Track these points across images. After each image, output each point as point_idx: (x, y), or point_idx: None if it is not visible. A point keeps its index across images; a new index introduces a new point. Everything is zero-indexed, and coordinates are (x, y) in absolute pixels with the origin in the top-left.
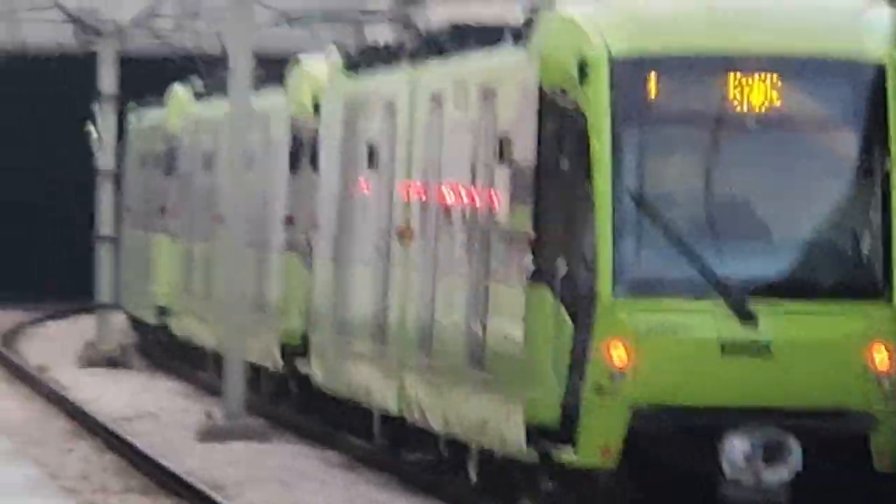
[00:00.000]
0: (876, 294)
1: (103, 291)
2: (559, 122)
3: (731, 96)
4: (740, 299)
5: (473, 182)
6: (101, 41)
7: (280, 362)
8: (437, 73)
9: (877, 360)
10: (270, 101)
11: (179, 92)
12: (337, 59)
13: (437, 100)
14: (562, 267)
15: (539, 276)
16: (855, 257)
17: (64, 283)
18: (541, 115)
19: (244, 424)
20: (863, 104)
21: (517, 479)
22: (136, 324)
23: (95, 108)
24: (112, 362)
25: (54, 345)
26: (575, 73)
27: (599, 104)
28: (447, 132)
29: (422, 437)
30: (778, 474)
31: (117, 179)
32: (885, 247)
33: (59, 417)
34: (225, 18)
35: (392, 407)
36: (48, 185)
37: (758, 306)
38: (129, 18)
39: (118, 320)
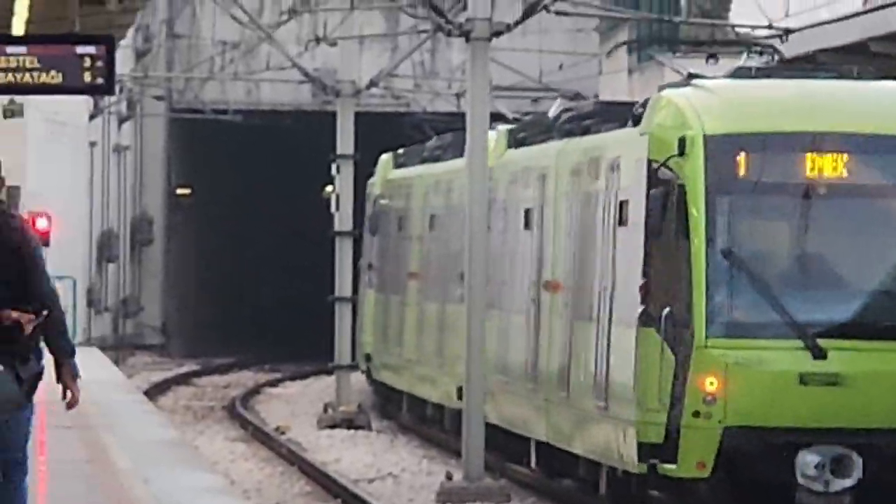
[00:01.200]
0: None
1: (341, 352)
2: (664, 189)
3: (808, 169)
4: (814, 339)
5: (602, 241)
6: (338, 101)
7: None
8: (576, 149)
9: None
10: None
11: (384, 159)
12: (503, 134)
13: (575, 171)
14: (665, 312)
15: (647, 319)
16: None
17: (303, 344)
18: (649, 183)
19: (484, 485)
20: None
21: (632, 490)
22: (375, 384)
23: (333, 167)
24: (350, 423)
25: (293, 406)
26: (676, 148)
27: (696, 175)
28: (583, 199)
29: (566, 459)
30: (843, 483)
31: (356, 240)
32: None
33: (299, 479)
34: (462, 78)
35: (543, 435)
36: (287, 243)
37: (828, 344)
38: (367, 79)
39: (356, 381)
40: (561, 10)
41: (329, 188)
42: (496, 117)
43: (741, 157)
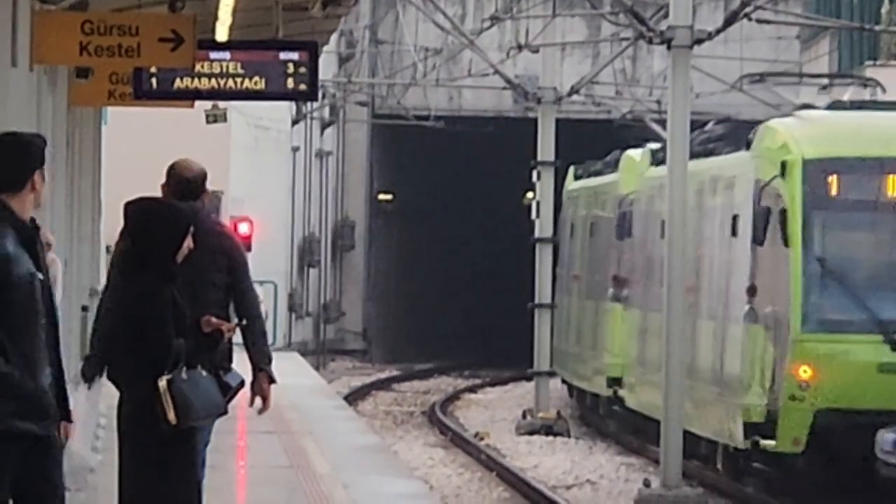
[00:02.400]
0: None
1: (541, 358)
2: (768, 205)
3: (889, 189)
4: (891, 334)
5: (719, 249)
6: (539, 108)
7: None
8: (702, 168)
9: None
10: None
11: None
12: (647, 153)
13: (700, 189)
14: (768, 310)
15: (754, 317)
16: None
17: (503, 350)
18: (756, 200)
19: (681, 493)
20: None
21: (741, 463)
22: (574, 391)
23: (533, 174)
24: (549, 430)
25: (492, 412)
26: (779, 170)
27: (795, 193)
28: (706, 212)
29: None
30: None
31: (555, 246)
32: None
33: (497, 485)
34: (663, 85)
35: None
36: (488, 250)
37: None
38: (569, 85)
39: (556, 387)
40: (763, 19)
41: (530, 195)
42: (700, 124)
43: (833, 178)
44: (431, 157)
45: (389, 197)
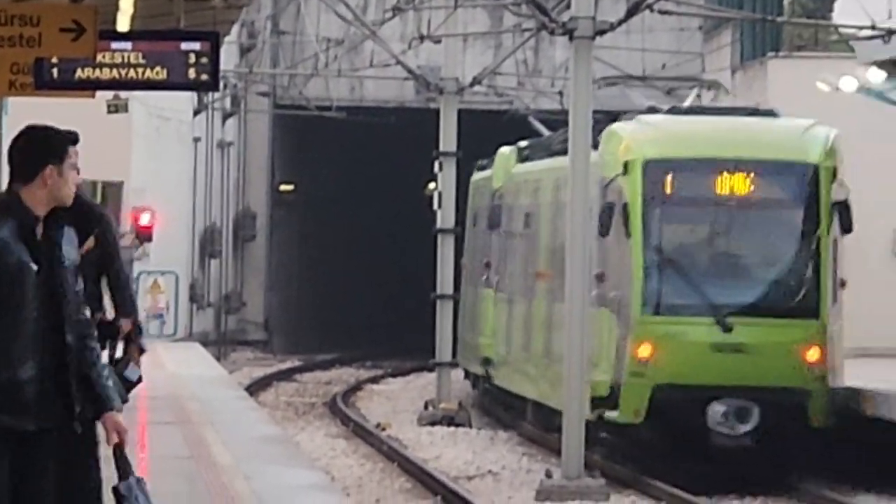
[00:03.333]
0: (811, 314)
1: (443, 349)
2: (612, 200)
3: (720, 187)
4: (723, 317)
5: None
6: (442, 98)
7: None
8: (559, 166)
9: (810, 356)
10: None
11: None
12: (514, 151)
13: (556, 185)
14: (612, 295)
15: (601, 300)
16: (798, 291)
17: (405, 341)
18: (602, 195)
19: (583, 484)
20: (804, 190)
21: (588, 433)
22: (475, 381)
23: (435, 164)
24: (451, 421)
25: (394, 403)
26: (622, 168)
27: (635, 190)
28: (562, 206)
29: (551, 413)
30: (744, 428)
31: (457, 237)
32: (817, 284)
33: (399, 476)
34: (565, 76)
35: (535, 395)
36: (391, 241)
37: (734, 321)
38: (471, 76)
39: (457, 378)
40: (665, 9)
41: (431, 185)
42: (605, 113)
43: (669, 177)
44: (333, 147)
45: (291, 187)
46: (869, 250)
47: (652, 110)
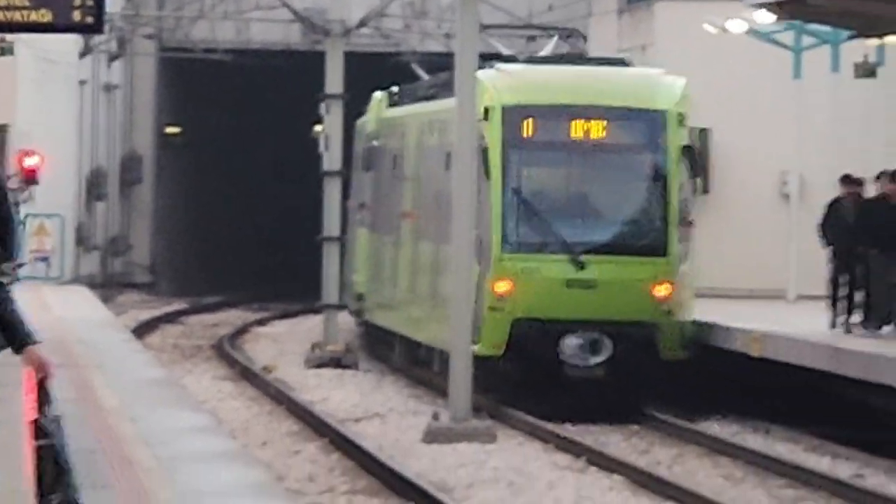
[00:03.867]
0: (659, 252)
1: (329, 292)
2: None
3: (574, 131)
4: (576, 254)
5: (436, 182)
6: (328, 41)
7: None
8: (424, 111)
9: (659, 292)
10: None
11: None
12: (385, 95)
13: (421, 128)
14: (475, 234)
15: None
16: (647, 230)
17: (292, 283)
18: None
19: (470, 426)
20: (654, 135)
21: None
22: (366, 325)
23: (322, 107)
24: (338, 363)
25: (281, 345)
26: (482, 114)
27: (494, 134)
28: (426, 150)
29: (419, 348)
30: (596, 359)
31: (344, 179)
32: (665, 224)
33: (286, 418)
34: (452, 18)
35: (400, 330)
36: (278, 183)
37: (587, 259)
38: (357, 18)
39: (344, 321)
40: None
41: (318, 128)
42: (490, 56)
43: (527, 122)
44: (220, 90)
45: (178, 130)
46: (758, 193)
47: (508, 60)
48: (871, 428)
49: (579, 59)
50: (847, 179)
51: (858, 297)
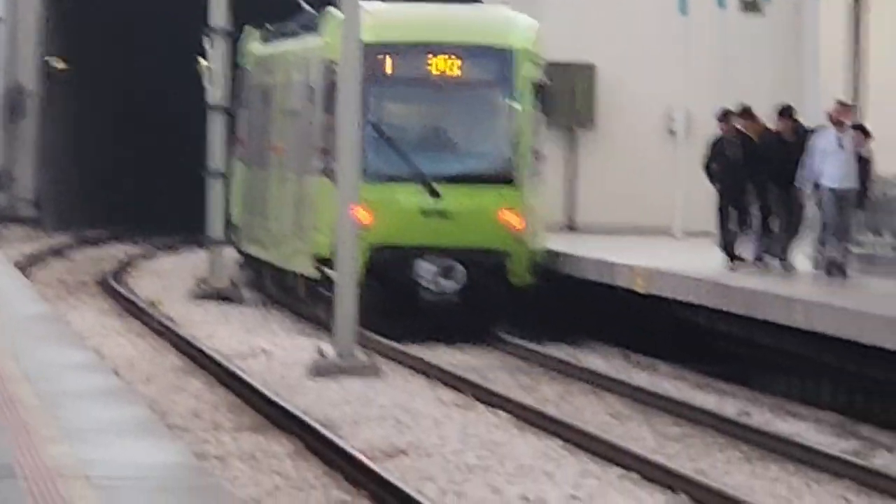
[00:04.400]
0: (509, 181)
1: (213, 226)
2: (334, 80)
3: (430, 67)
4: (431, 184)
5: (303, 116)
6: None
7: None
8: (292, 48)
9: (509, 220)
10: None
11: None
12: (260, 33)
13: (288, 64)
14: (335, 165)
15: (324, 171)
16: (498, 161)
17: (177, 218)
18: (324, 75)
19: (357, 361)
20: (504, 72)
21: (316, 291)
22: (244, 256)
23: (206, 41)
24: (224, 297)
25: (166, 280)
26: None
27: None
28: (294, 85)
29: (286, 276)
30: (450, 285)
31: (229, 114)
32: (514, 156)
33: (171, 353)
34: None
35: (271, 259)
36: (163, 117)
37: (442, 188)
38: None
39: (230, 255)
40: None
41: (203, 62)
42: None
43: (387, 59)
44: (106, 23)
45: (63, 64)
46: (644, 130)
47: None
48: (756, 365)
49: None
50: (728, 114)
51: (751, 230)
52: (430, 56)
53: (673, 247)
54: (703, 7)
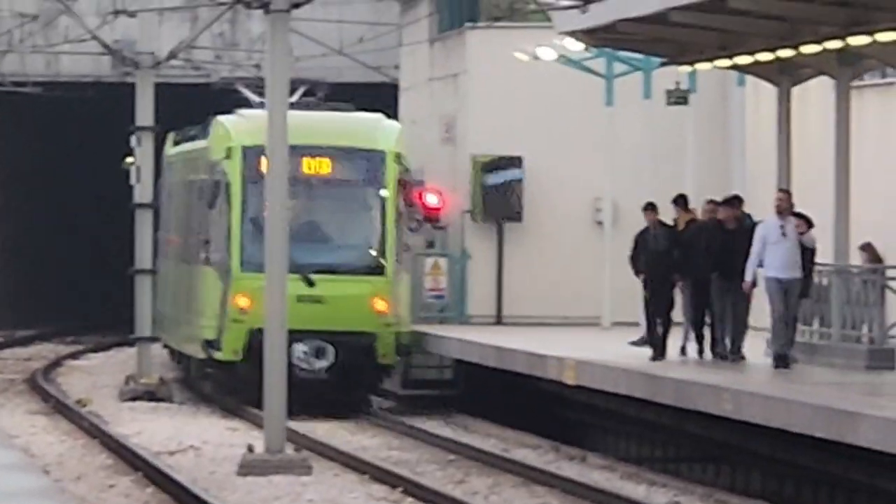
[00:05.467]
0: (378, 272)
1: (142, 324)
2: (217, 179)
3: (305, 168)
4: (306, 274)
5: (191, 210)
6: (138, 73)
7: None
8: (188, 150)
9: (378, 305)
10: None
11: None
12: (174, 135)
13: (184, 164)
14: (217, 256)
15: (207, 260)
16: (367, 253)
17: (106, 316)
18: (210, 174)
19: (285, 457)
20: (373, 172)
21: (198, 370)
22: (171, 352)
23: (133, 139)
24: (152, 396)
25: (95, 378)
26: (225, 153)
27: (235, 171)
28: (187, 183)
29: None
30: (321, 364)
31: (156, 211)
32: (383, 248)
33: (101, 452)
34: (262, 49)
35: (175, 345)
36: (91, 216)
37: (317, 278)
38: (167, 50)
39: (159, 353)
40: None
41: (130, 160)
42: (302, 83)
43: (262, 160)
44: (31, 123)
45: None
46: (572, 220)
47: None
48: (686, 454)
49: (313, 105)
50: (651, 207)
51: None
52: (306, 157)
53: (601, 337)
54: (629, 98)
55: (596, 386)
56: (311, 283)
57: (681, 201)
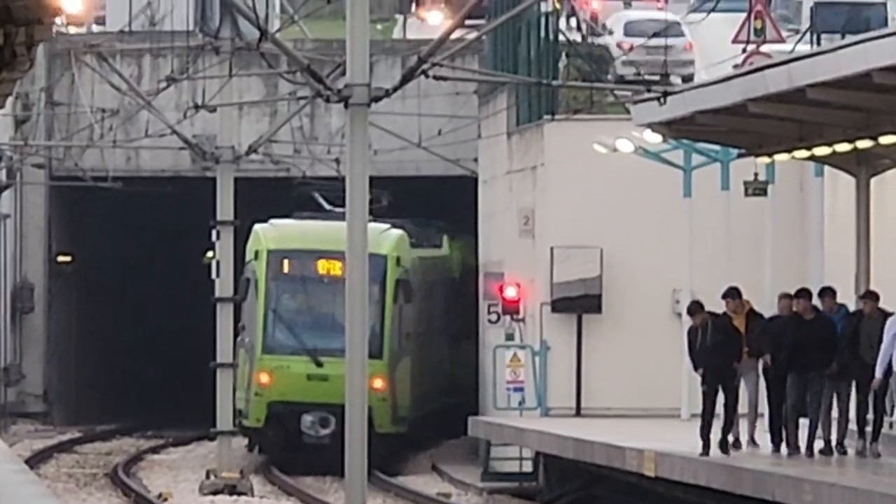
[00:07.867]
0: (377, 356)
1: (223, 417)
2: (250, 276)
3: (318, 268)
4: (316, 356)
5: (245, 302)
6: (218, 167)
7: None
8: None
9: (375, 384)
10: None
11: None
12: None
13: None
14: (247, 340)
15: (241, 345)
16: (370, 340)
17: (187, 410)
18: (244, 271)
19: None
20: (376, 273)
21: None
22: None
23: (213, 233)
24: (233, 489)
25: (175, 472)
26: (254, 255)
27: (262, 270)
28: (242, 281)
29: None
30: (325, 431)
31: (237, 305)
32: (382, 336)
33: None
34: (342, 142)
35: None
36: (171, 310)
37: (324, 360)
38: (247, 144)
39: (239, 447)
40: (439, 76)
41: (210, 254)
42: (380, 180)
43: (285, 261)
44: (111, 218)
45: (69, 259)
46: (650, 312)
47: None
48: None
49: (328, 215)
50: (697, 304)
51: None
52: (319, 259)
53: (680, 429)
54: (707, 189)
55: (675, 477)
56: (319, 364)
57: (734, 293)
